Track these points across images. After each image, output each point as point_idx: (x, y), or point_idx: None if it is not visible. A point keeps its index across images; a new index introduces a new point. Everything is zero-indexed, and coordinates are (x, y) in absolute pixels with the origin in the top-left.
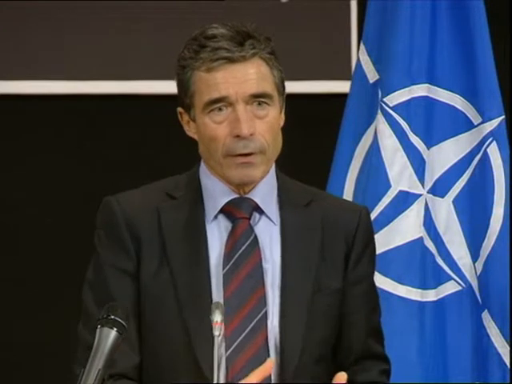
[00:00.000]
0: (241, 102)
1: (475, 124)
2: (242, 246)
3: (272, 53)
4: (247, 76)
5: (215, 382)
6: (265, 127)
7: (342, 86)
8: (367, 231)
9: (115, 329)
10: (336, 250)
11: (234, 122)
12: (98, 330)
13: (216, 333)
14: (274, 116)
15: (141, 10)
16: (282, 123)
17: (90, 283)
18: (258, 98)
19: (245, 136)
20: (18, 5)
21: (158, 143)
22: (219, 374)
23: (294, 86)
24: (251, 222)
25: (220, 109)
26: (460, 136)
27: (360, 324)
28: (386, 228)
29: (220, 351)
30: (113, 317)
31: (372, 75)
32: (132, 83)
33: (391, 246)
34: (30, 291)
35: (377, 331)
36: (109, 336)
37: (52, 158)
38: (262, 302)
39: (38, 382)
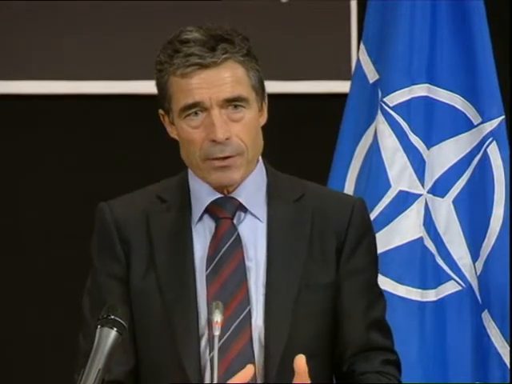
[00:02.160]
0: (215, 106)
1: (475, 124)
2: (224, 246)
3: (248, 54)
4: (221, 81)
5: (215, 381)
6: (241, 129)
7: (341, 86)
8: (362, 223)
9: (115, 329)
10: (327, 244)
11: (210, 127)
12: (97, 330)
13: (216, 333)
14: (251, 118)
15: (141, 10)
16: (263, 122)
17: (87, 291)
18: (233, 102)
19: (220, 141)
20: (18, 5)
21: (158, 143)
22: (205, 375)
23: (294, 86)
24: (235, 221)
25: (196, 113)
26: (460, 136)
27: (357, 317)
28: (386, 228)
29: (206, 352)
30: (113, 317)
31: (372, 75)
32: (132, 83)
33: (391, 246)
34: (31, 291)
35: (379, 324)
36: (109, 336)
37: (52, 158)
38: (246, 300)
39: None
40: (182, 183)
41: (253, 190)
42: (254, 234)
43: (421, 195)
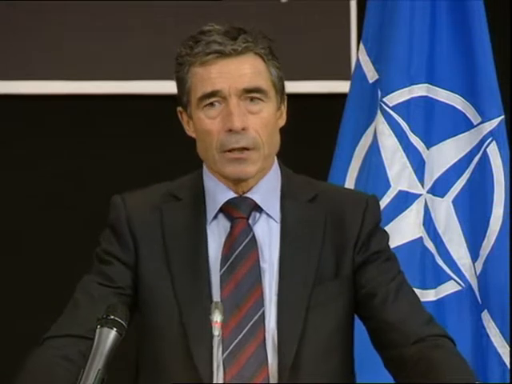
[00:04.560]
0: (234, 96)
1: (475, 124)
2: (240, 247)
3: (268, 50)
4: (241, 71)
5: (214, 381)
6: (258, 123)
7: (341, 86)
8: (374, 219)
9: (115, 329)
10: (341, 242)
11: (227, 116)
12: (97, 330)
13: (215, 333)
14: (269, 113)
15: (141, 11)
16: (282, 123)
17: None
18: (251, 93)
19: (236, 130)
20: (18, 5)
21: (158, 143)
22: (217, 376)
23: (294, 86)
24: (250, 221)
25: (213, 104)
26: (460, 136)
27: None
28: (385, 228)
29: (218, 353)
30: (112, 317)
31: (371, 75)
32: (132, 83)
33: (391, 246)
34: (31, 291)
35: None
36: (109, 336)
37: (52, 157)
38: (260, 302)
39: None
40: (196, 182)
41: (267, 190)
42: (268, 234)
43: (420, 195)
